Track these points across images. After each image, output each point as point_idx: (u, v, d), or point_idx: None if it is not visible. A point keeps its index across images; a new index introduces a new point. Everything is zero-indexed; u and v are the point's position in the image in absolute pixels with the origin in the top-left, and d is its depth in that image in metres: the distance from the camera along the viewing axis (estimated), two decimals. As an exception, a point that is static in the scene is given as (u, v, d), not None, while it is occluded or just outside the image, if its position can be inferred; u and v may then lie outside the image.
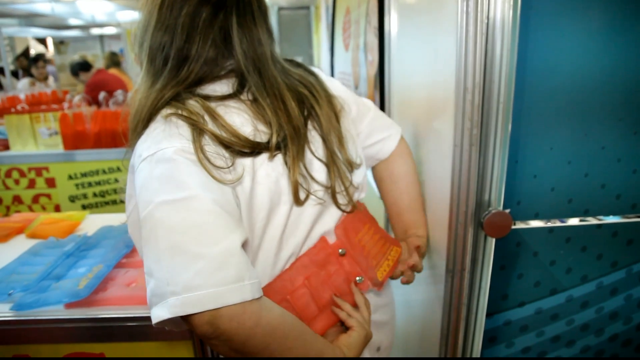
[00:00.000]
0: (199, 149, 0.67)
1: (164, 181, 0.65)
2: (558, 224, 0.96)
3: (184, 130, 0.69)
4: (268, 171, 0.74)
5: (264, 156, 0.75)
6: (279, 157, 0.76)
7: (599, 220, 0.97)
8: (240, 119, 0.75)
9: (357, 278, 0.83)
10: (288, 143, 0.76)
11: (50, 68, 6.56)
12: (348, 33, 2.42)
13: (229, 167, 0.70)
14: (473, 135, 0.86)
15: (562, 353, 1.05)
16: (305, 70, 0.88)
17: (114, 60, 4.87)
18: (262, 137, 0.75)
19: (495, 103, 0.85)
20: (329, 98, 0.87)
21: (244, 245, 0.69)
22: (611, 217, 0.97)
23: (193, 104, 0.73)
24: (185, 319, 0.61)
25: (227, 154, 0.71)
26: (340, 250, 0.83)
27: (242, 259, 0.64)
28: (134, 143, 0.74)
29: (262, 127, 0.76)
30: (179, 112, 0.71)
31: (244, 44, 0.76)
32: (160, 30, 0.74)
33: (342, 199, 0.84)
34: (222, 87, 0.77)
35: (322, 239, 0.83)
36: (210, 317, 0.59)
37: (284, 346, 0.65)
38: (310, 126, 0.82)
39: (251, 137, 0.73)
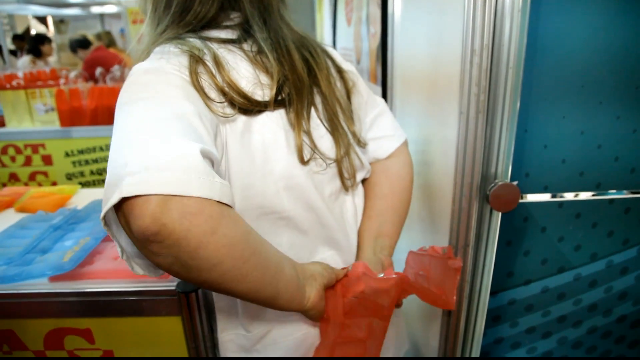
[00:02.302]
0: (194, 73, 0.63)
1: (148, 86, 0.60)
2: (569, 197, 0.91)
3: (183, 59, 0.65)
4: (265, 120, 0.70)
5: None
6: (281, 112, 0.72)
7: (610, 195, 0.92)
8: (245, 67, 0.71)
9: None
10: (293, 97, 0.72)
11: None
12: (350, 7, 2.34)
13: (222, 102, 0.65)
14: (480, 102, 0.81)
15: (568, 334, 1.01)
16: (312, 38, 0.84)
17: (110, 39, 4.84)
18: (263, 91, 0.71)
19: (505, 67, 0.80)
20: (341, 72, 0.85)
21: None
22: (624, 192, 0.92)
23: (195, 41, 0.69)
24: (128, 211, 0.48)
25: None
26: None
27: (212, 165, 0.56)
28: None
29: (264, 79, 0.72)
30: (179, 45, 0.67)
31: None
32: None
33: (346, 173, 0.81)
34: (226, 34, 0.74)
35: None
36: (157, 207, 0.47)
37: (238, 270, 0.55)
38: (315, 90, 0.78)
39: (251, 94, 0.69)
